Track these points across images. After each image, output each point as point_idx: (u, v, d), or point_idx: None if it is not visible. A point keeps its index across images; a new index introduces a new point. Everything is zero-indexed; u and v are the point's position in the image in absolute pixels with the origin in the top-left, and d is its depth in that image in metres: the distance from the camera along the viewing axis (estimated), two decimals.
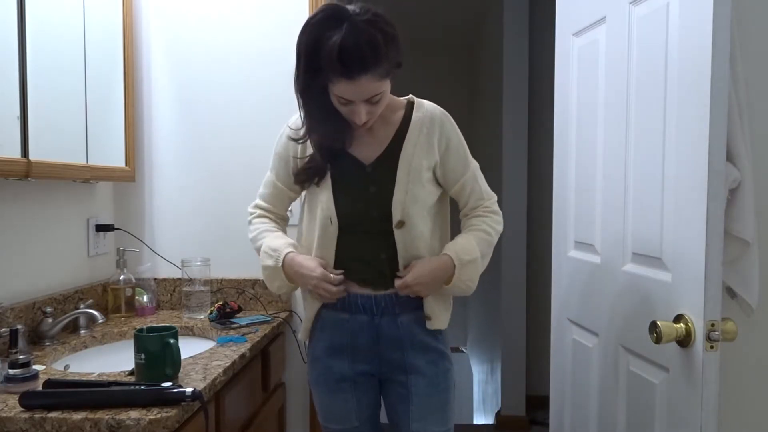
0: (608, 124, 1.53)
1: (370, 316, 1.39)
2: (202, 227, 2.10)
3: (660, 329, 1.18)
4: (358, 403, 1.44)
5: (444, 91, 5.21)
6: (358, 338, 1.40)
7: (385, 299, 1.38)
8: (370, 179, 1.37)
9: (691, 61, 1.18)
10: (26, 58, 1.48)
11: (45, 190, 1.71)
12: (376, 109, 1.28)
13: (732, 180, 1.30)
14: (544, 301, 2.07)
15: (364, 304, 1.39)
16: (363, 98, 1.23)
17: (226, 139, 2.09)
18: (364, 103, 1.24)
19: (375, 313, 1.39)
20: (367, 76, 1.18)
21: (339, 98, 1.24)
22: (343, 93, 1.22)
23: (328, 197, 1.36)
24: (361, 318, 1.39)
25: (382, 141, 1.38)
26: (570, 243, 1.76)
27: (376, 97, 1.25)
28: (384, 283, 1.38)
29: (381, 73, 1.20)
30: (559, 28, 1.84)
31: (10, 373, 1.20)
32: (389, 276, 1.37)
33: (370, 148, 1.38)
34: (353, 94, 1.22)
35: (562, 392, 1.81)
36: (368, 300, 1.38)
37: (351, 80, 1.18)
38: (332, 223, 1.35)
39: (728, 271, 1.34)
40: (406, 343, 1.40)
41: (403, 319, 1.40)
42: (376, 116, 1.31)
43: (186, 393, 1.14)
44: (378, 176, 1.36)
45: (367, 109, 1.26)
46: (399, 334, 1.39)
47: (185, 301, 1.96)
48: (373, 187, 1.36)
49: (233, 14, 2.08)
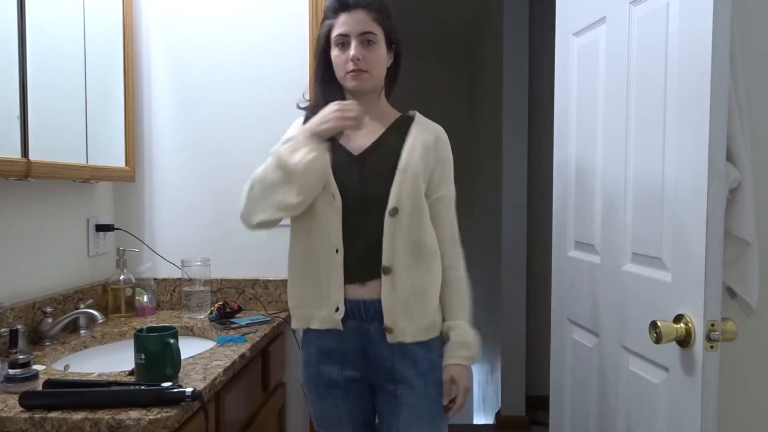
0: (608, 123, 1.53)
1: (358, 321, 1.38)
2: (202, 227, 2.10)
3: (660, 329, 1.18)
4: (351, 409, 1.43)
5: (444, 91, 5.21)
6: (347, 343, 1.39)
7: (375, 305, 1.37)
8: (359, 166, 1.41)
9: (691, 61, 1.18)
10: (26, 58, 1.48)
11: (45, 190, 1.71)
12: (369, 56, 1.37)
13: (732, 180, 1.30)
14: (544, 301, 2.07)
15: (353, 309, 1.38)
16: (357, 31, 1.36)
17: (226, 139, 2.09)
18: (358, 44, 1.36)
19: (364, 318, 1.38)
20: (362, 10, 1.36)
21: (336, 41, 1.37)
22: (340, 28, 1.37)
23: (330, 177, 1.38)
24: (350, 323, 1.38)
25: (372, 135, 1.44)
26: (570, 243, 1.76)
27: (371, 37, 1.37)
28: (366, 275, 1.38)
29: (375, 17, 1.37)
30: (559, 28, 1.84)
31: (10, 373, 1.20)
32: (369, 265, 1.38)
33: (361, 140, 1.43)
34: (349, 25, 1.36)
35: (562, 392, 1.81)
36: (357, 305, 1.38)
37: (347, 11, 1.36)
38: (335, 198, 1.37)
39: (728, 271, 1.34)
40: (395, 351, 1.38)
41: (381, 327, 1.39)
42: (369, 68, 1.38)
43: (186, 393, 1.14)
44: (366, 165, 1.41)
45: (361, 52, 1.36)
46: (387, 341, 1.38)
47: (185, 301, 1.96)
48: (364, 173, 1.40)
49: (234, 14, 2.08)
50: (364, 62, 1.36)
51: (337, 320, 1.38)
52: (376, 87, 1.45)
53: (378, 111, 1.47)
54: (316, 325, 1.41)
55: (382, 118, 1.48)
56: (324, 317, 1.39)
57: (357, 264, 1.38)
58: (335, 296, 1.38)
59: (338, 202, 1.37)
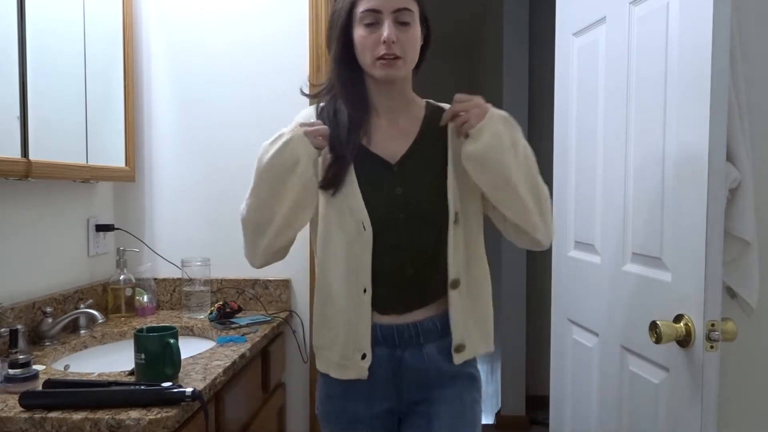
0: (608, 123, 1.53)
1: (390, 348, 1.21)
2: (202, 227, 2.10)
3: (660, 329, 1.18)
4: None
5: (444, 91, 5.21)
6: (377, 374, 1.21)
7: (409, 329, 1.20)
8: (396, 179, 1.20)
9: (691, 61, 1.18)
10: (26, 58, 1.48)
11: (45, 190, 1.70)
12: (404, 38, 1.14)
13: (732, 180, 1.30)
14: (544, 301, 2.07)
15: (384, 335, 1.20)
16: (392, 6, 1.12)
17: (226, 138, 2.09)
18: (392, 21, 1.13)
19: (397, 344, 1.20)
20: None
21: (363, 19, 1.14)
22: (369, 2, 1.12)
23: (357, 200, 1.18)
24: (380, 351, 1.20)
25: (407, 135, 1.24)
26: (570, 243, 1.76)
27: (407, 15, 1.14)
28: (407, 307, 1.21)
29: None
30: (559, 28, 1.84)
31: (10, 373, 1.20)
32: (415, 297, 1.21)
33: (394, 142, 1.23)
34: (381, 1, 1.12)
35: (562, 392, 1.81)
36: (389, 330, 1.20)
37: None
38: (365, 229, 1.17)
39: (728, 271, 1.34)
40: (432, 375, 1.22)
41: (429, 350, 1.22)
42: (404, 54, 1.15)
43: (186, 393, 1.14)
44: (406, 176, 1.21)
45: (396, 33, 1.13)
46: (424, 366, 1.21)
47: (185, 301, 1.96)
48: (400, 189, 1.20)
49: (234, 14, 2.08)
50: (399, 46, 1.13)
51: (362, 369, 1.20)
52: (408, 75, 1.24)
53: (406, 103, 1.26)
54: (336, 374, 1.23)
55: (412, 111, 1.27)
56: (346, 367, 1.21)
57: (393, 299, 1.20)
58: (362, 342, 1.19)
59: (369, 233, 1.17)
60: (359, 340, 1.19)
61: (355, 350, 1.20)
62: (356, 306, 1.19)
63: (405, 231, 1.19)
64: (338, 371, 1.22)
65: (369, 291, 1.18)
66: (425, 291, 1.22)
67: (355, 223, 1.17)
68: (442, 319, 1.23)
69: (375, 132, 1.23)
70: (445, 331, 1.23)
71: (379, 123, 1.24)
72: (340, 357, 1.21)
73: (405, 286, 1.21)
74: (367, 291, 1.18)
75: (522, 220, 1.17)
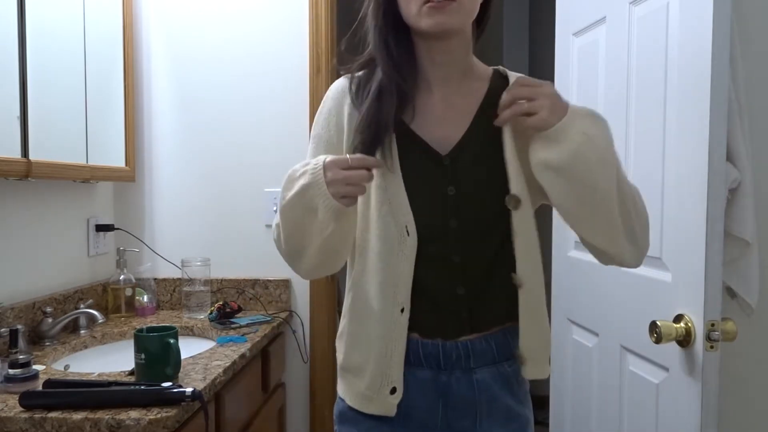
0: None
1: (435, 370, 0.99)
2: (202, 227, 2.10)
3: (660, 329, 1.18)
4: None
5: None
6: (416, 401, 0.99)
7: (457, 348, 0.98)
8: (447, 176, 0.98)
9: (691, 61, 1.18)
10: (26, 58, 1.48)
11: (45, 190, 1.71)
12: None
13: (732, 180, 1.30)
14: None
15: (426, 354, 0.98)
16: None
17: (226, 138, 2.09)
18: None
19: (442, 366, 0.99)
20: None
21: None
22: None
23: (401, 199, 0.96)
24: (422, 373, 0.99)
25: (463, 117, 1.00)
26: (570, 243, 1.75)
27: None
28: (458, 330, 0.99)
29: None
30: (559, 28, 1.83)
31: (10, 373, 1.20)
32: (467, 319, 0.99)
33: (445, 126, 0.99)
34: None
35: (562, 392, 1.81)
36: (433, 348, 0.98)
37: None
38: (409, 235, 0.95)
39: (728, 271, 1.34)
40: (482, 408, 1.00)
41: (480, 376, 1.00)
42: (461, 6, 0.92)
43: (186, 393, 1.14)
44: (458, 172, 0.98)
45: None
46: (473, 397, 0.99)
47: (185, 301, 1.96)
48: (452, 188, 0.98)
49: (234, 14, 2.08)
50: None
51: (390, 405, 0.98)
52: (466, 28, 0.99)
53: (464, 73, 1.02)
54: (357, 404, 1.01)
55: (472, 84, 1.02)
56: (369, 399, 0.99)
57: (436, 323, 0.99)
58: (393, 372, 0.97)
59: (413, 240, 0.95)
60: (390, 369, 0.97)
61: (384, 382, 0.98)
62: (389, 328, 0.97)
63: (456, 241, 0.98)
64: (360, 402, 1.01)
65: (407, 311, 0.96)
66: (478, 315, 1.00)
67: (397, 227, 0.96)
68: (498, 338, 1.01)
69: (423, 111, 0.99)
70: (502, 355, 1.01)
71: (430, 101, 1.01)
72: (366, 387, 0.99)
73: (453, 309, 0.99)
74: (405, 311, 0.96)
75: (606, 244, 0.95)
